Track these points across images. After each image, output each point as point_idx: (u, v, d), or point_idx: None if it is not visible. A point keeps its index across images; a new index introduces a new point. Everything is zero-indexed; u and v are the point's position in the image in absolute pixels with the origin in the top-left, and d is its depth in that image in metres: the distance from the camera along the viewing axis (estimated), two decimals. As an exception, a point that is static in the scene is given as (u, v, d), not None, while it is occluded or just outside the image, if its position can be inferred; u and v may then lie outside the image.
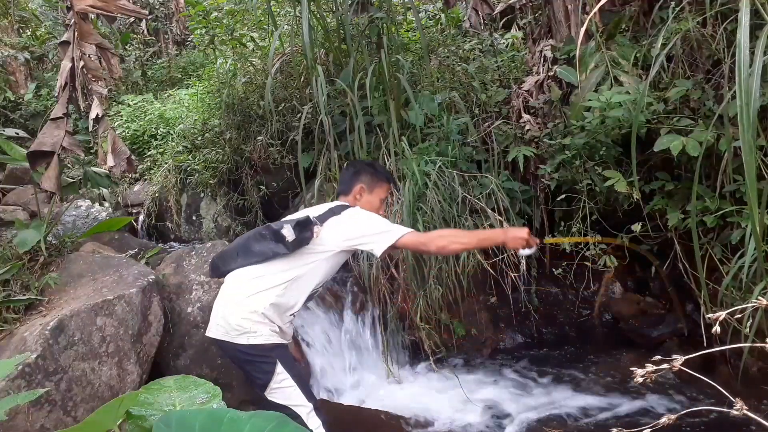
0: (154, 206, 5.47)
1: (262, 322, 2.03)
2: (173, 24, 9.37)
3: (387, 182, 2.52)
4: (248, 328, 2.01)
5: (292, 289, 2.07)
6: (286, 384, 1.98)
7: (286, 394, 1.98)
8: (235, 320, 2.04)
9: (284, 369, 1.99)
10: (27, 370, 2.32)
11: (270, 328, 2.04)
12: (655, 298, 3.73)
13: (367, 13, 3.76)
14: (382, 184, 2.46)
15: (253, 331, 2.02)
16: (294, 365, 2.09)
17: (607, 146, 3.13)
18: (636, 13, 3.49)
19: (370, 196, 2.41)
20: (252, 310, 2.03)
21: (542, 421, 2.91)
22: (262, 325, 2.03)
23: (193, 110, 5.86)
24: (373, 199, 2.42)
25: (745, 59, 2.05)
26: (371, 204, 2.40)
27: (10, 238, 3.08)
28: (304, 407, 1.96)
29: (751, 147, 2.03)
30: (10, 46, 7.91)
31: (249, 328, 2.01)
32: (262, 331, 2.02)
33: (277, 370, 1.98)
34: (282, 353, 2.05)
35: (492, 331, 3.74)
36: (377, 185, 2.44)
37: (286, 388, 1.98)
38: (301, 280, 2.08)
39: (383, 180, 2.49)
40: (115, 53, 3.58)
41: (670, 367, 0.80)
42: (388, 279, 3.39)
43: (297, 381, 2.00)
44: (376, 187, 2.44)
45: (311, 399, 2.00)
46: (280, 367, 1.99)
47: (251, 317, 2.02)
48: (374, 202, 2.42)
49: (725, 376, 2.96)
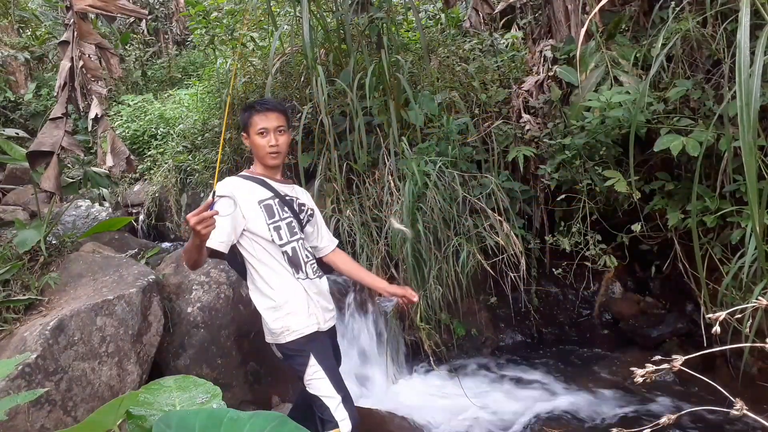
0: (154, 206, 5.48)
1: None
2: (173, 24, 9.38)
3: (251, 112, 2.16)
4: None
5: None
6: (318, 376, 2.02)
7: (317, 386, 2.01)
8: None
9: (317, 361, 2.04)
10: (27, 370, 2.32)
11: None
12: (655, 298, 3.73)
13: (367, 13, 3.76)
14: (249, 119, 2.15)
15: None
16: (327, 357, 2.10)
17: (607, 146, 3.14)
18: (636, 13, 3.50)
19: (249, 139, 2.16)
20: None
21: (542, 420, 2.91)
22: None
23: (193, 110, 5.86)
24: (253, 139, 2.14)
25: (745, 59, 2.05)
26: (255, 145, 2.14)
27: (10, 238, 3.09)
28: (333, 399, 1.99)
29: (752, 147, 2.03)
30: (10, 46, 7.91)
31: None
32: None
33: (310, 362, 2.03)
34: (314, 346, 2.08)
35: (492, 331, 3.74)
36: (248, 123, 2.15)
37: (317, 380, 2.02)
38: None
39: (249, 114, 2.16)
40: (114, 53, 3.58)
41: (670, 367, 0.79)
42: (388, 279, 3.39)
43: (328, 373, 2.03)
44: (247, 126, 2.15)
45: (340, 390, 2.03)
46: (313, 360, 2.03)
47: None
48: (255, 142, 2.13)
49: (725, 376, 2.96)
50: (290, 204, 2.18)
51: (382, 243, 3.33)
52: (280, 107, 2.20)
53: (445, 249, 3.24)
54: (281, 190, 2.19)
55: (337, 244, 2.43)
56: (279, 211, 2.12)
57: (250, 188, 2.12)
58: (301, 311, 2.07)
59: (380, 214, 3.42)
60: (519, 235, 3.34)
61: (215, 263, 3.20)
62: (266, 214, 2.08)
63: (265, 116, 2.11)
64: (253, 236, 2.06)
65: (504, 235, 3.25)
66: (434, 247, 3.21)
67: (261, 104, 2.17)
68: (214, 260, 3.22)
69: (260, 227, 2.06)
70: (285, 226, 2.11)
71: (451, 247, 3.24)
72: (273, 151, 2.13)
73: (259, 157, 2.16)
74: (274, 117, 2.13)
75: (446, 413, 3.02)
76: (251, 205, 2.07)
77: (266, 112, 2.12)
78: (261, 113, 2.12)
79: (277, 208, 2.11)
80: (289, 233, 2.12)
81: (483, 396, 3.14)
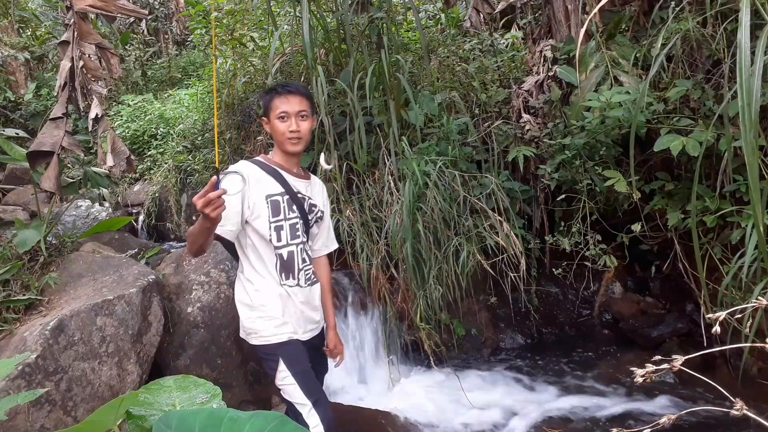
0: (154, 206, 5.48)
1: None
2: (173, 24, 9.38)
3: (272, 95, 2.04)
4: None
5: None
6: (287, 382, 1.99)
7: (288, 391, 1.99)
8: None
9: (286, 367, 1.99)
10: (27, 370, 2.32)
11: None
12: (655, 298, 3.73)
13: (367, 13, 3.76)
14: (270, 102, 2.03)
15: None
16: (298, 362, 2.02)
17: (607, 146, 3.14)
18: (636, 13, 3.50)
19: (270, 124, 2.05)
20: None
21: (542, 421, 2.91)
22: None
23: (193, 110, 5.87)
24: (273, 124, 2.02)
25: (746, 59, 2.05)
26: (274, 130, 2.02)
27: (10, 238, 3.08)
28: (304, 405, 1.96)
29: (754, 147, 2.03)
30: (10, 46, 7.91)
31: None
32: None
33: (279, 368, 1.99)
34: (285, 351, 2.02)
35: (492, 331, 3.74)
36: (269, 107, 2.03)
37: (287, 386, 1.99)
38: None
39: (269, 96, 2.04)
40: (114, 53, 3.58)
41: (670, 367, 0.79)
42: (388, 279, 3.39)
43: (298, 378, 1.99)
44: (268, 110, 2.04)
45: (311, 396, 1.98)
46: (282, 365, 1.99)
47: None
48: (275, 127, 2.01)
49: (725, 376, 2.97)
50: (300, 203, 2.05)
51: (382, 243, 3.33)
52: (304, 90, 2.06)
53: (445, 249, 3.24)
54: (295, 185, 2.06)
55: (331, 250, 2.32)
56: (286, 209, 2.00)
57: (261, 178, 1.99)
58: (275, 317, 1.99)
59: (380, 214, 3.42)
60: (519, 235, 3.34)
61: (215, 263, 3.20)
62: (271, 211, 1.97)
63: (287, 99, 1.99)
64: (251, 230, 1.97)
65: (504, 235, 3.25)
66: (434, 247, 3.21)
67: (283, 87, 2.03)
68: (214, 260, 3.22)
69: (261, 224, 1.96)
70: (288, 227, 2.01)
71: (451, 247, 3.24)
72: (293, 136, 1.99)
73: (279, 143, 2.03)
74: (297, 101, 2.00)
75: (446, 413, 3.02)
76: (258, 198, 1.95)
77: (288, 95, 1.99)
78: (282, 96, 2.00)
79: (284, 206, 2.00)
80: (291, 235, 2.01)
81: (483, 396, 3.13)
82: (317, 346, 2.22)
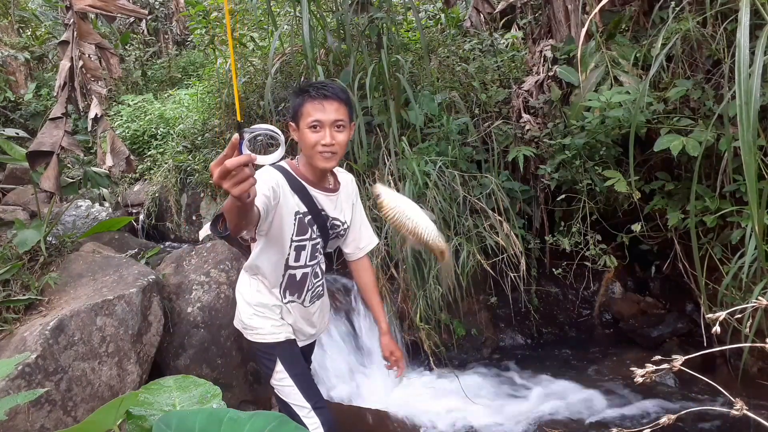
0: (154, 206, 5.47)
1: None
2: (173, 24, 9.38)
3: (304, 97, 1.73)
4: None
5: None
6: (285, 383, 1.98)
7: (285, 392, 1.98)
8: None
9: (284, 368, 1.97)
10: (27, 370, 2.32)
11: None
12: (655, 298, 3.73)
13: (367, 13, 3.76)
14: (301, 107, 1.74)
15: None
16: (296, 363, 1.99)
17: (607, 146, 3.14)
18: (636, 13, 3.50)
19: (298, 132, 1.77)
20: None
21: (542, 421, 2.91)
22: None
23: (193, 110, 5.86)
24: (303, 133, 1.74)
25: (745, 59, 2.05)
26: (304, 141, 1.74)
27: (10, 238, 3.08)
28: (303, 407, 1.95)
29: (751, 147, 2.03)
30: (10, 46, 7.91)
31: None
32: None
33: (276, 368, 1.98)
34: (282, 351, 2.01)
35: (492, 331, 3.74)
36: (299, 112, 1.75)
37: (284, 387, 1.98)
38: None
39: (300, 100, 1.74)
40: (114, 53, 3.58)
41: (670, 367, 0.79)
42: (388, 279, 3.39)
43: (296, 380, 1.98)
44: (297, 115, 1.75)
45: (310, 398, 1.96)
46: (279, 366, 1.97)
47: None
48: (305, 137, 1.73)
49: (725, 376, 2.97)
50: (323, 222, 1.86)
51: (382, 243, 3.33)
52: (342, 95, 1.74)
53: (445, 249, 3.23)
54: (321, 204, 1.85)
55: (370, 249, 2.12)
56: (311, 230, 1.82)
57: (288, 192, 1.75)
58: (273, 318, 1.94)
59: (380, 214, 3.42)
60: (519, 235, 3.34)
61: (215, 263, 3.20)
62: (296, 230, 1.78)
63: (322, 106, 1.69)
64: (271, 240, 1.78)
65: (504, 235, 3.25)
66: (434, 247, 3.21)
67: (318, 89, 1.71)
68: (214, 260, 3.22)
69: (284, 240, 1.78)
70: (310, 248, 1.84)
71: (451, 247, 3.24)
72: (327, 150, 1.71)
73: (308, 155, 1.75)
74: (333, 108, 1.70)
75: (446, 413, 3.02)
76: (286, 212, 1.75)
77: (323, 101, 1.69)
78: (316, 101, 1.69)
79: (310, 227, 1.82)
80: (310, 257, 1.87)
81: (483, 396, 3.14)
82: (306, 355, 2.15)
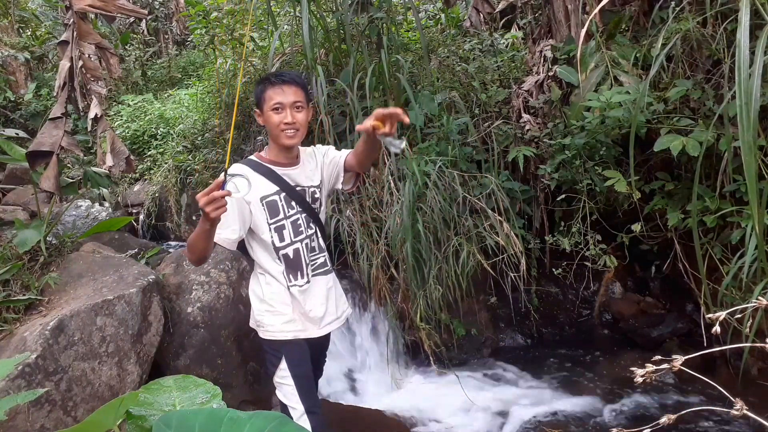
0: (154, 206, 5.48)
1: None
2: (173, 24, 9.38)
3: (265, 85, 1.95)
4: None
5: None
6: (286, 382, 1.98)
7: (284, 391, 1.99)
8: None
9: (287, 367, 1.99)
10: (27, 370, 2.32)
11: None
12: (655, 298, 3.73)
13: (367, 13, 3.76)
14: (263, 93, 1.95)
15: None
16: (300, 365, 2.01)
17: (607, 146, 3.14)
18: (636, 13, 3.50)
19: (263, 116, 1.97)
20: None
21: (542, 421, 2.91)
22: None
23: (193, 110, 5.86)
24: (267, 116, 1.94)
25: (745, 59, 2.05)
26: (268, 123, 1.94)
27: (10, 238, 3.08)
28: (295, 410, 1.95)
29: (751, 147, 2.03)
30: (10, 46, 7.91)
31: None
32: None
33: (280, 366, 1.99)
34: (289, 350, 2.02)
35: (492, 331, 3.74)
36: (261, 98, 1.95)
37: (284, 386, 1.99)
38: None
39: (262, 87, 1.96)
40: (114, 53, 3.58)
41: (670, 367, 0.79)
42: (388, 279, 3.39)
43: (296, 381, 1.98)
44: (261, 101, 1.95)
45: (305, 402, 1.96)
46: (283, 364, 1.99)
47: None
48: (269, 119, 1.93)
49: (725, 376, 2.97)
50: (300, 196, 2.00)
51: (382, 243, 3.33)
52: (299, 80, 1.96)
53: (445, 249, 3.24)
54: (292, 179, 2.00)
55: (347, 153, 2.09)
56: (284, 208, 1.96)
57: (254, 180, 1.90)
58: (283, 314, 1.99)
59: (380, 214, 3.42)
60: (519, 235, 3.34)
61: (215, 263, 3.19)
62: (268, 213, 1.94)
63: (281, 90, 1.90)
64: (253, 235, 1.97)
65: (504, 235, 3.25)
66: (434, 247, 3.21)
67: (276, 76, 1.95)
68: (214, 260, 3.22)
69: (261, 227, 1.94)
70: (290, 225, 1.97)
71: (451, 247, 3.24)
72: (289, 128, 1.91)
73: (274, 136, 1.95)
74: (292, 91, 1.91)
75: (446, 413, 3.02)
76: (253, 202, 1.93)
77: (282, 85, 1.91)
78: (276, 86, 1.91)
79: (282, 204, 1.96)
80: (294, 233, 1.98)
81: (483, 396, 3.14)
82: (323, 346, 2.19)
